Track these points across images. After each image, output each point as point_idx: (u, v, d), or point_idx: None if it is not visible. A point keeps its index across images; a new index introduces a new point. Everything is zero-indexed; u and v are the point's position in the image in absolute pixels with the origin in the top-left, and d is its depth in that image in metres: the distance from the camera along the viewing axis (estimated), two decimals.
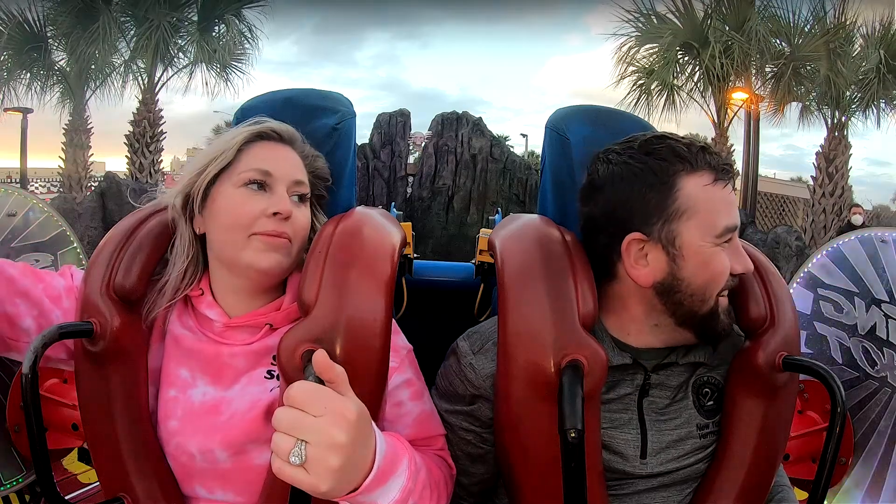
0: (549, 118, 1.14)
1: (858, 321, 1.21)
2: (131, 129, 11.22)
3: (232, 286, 0.92)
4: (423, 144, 10.61)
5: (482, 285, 1.48)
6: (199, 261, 0.94)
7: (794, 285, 1.27)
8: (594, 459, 0.84)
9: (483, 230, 1.47)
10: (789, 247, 7.00)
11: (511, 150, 10.98)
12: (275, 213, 0.87)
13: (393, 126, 10.76)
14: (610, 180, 0.88)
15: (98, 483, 0.91)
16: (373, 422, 0.68)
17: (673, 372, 0.93)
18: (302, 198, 0.93)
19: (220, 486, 0.87)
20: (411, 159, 10.47)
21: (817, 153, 10.47)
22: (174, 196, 0.93)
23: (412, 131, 10.85)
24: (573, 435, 0.71)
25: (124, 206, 7.44)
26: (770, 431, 0.90)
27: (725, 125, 11.18)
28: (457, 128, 10.75)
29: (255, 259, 0.87)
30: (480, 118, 11.03)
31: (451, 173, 10.23)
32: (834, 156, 10.22)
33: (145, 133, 11.15)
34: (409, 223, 1.35)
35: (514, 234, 0.98)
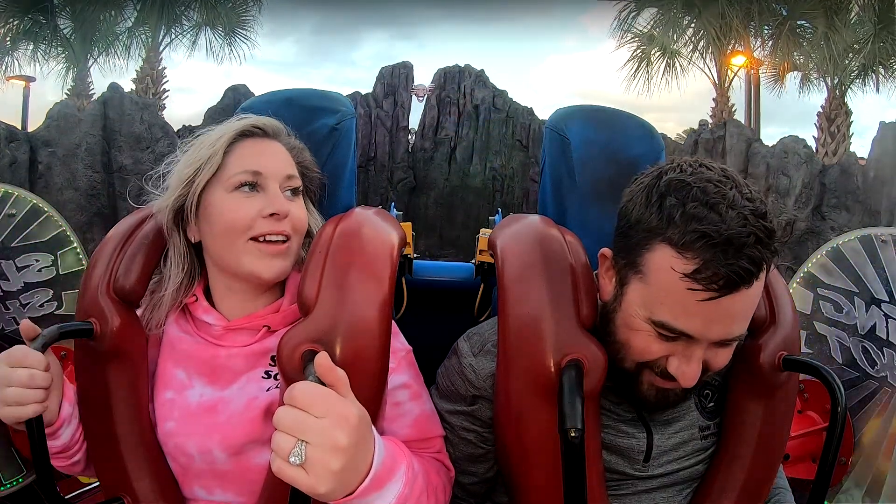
0: (549, 118, 1.14)
1: (858, 321, 1.21)
2: (134, 87, 11.03)
3: (231, 290, 0.92)
4: (425, 96, 10.50)
5: (482, 285, 1.48)
6: (194, 269, 0.94)
7: (794, 285, 1.27)
8: (594, 459, 0.84)
9: (483, 230, 1.47)
10: (798, 155, 6.79)
11: (513, 100, 10.68)
12: (272, 214, 0.86)
13: (396, 77, 10.68)
14: (629, 192, 0.82)
15: (98, 483, 0.91)
16: (373, 426, 0.68)
17: None
18: (295, 191, 0.92)
19: (220, 486, 0.87)
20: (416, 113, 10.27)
21: (818, 113, 10.38)
22: (165, 209, 0.91)
23: (415, 83, 10.77)
24: (573, 434, 0.71)
25: (125, 116, 7.28)
26: (770, 431, 0.90)
27: (726, 86, 11.19)
28: (459, 80, 10.67)
29: (257, 267, 0.87)
30: (483, 70, 10.86)
31: (453, 124, 10.15)
32: (835, 115, 10.14)
33: (147, 90, 11.00)
34: (409, 223, 1.35)
35: (514, 234, 0.98)
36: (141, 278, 0.90)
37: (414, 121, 10.59)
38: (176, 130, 8.36)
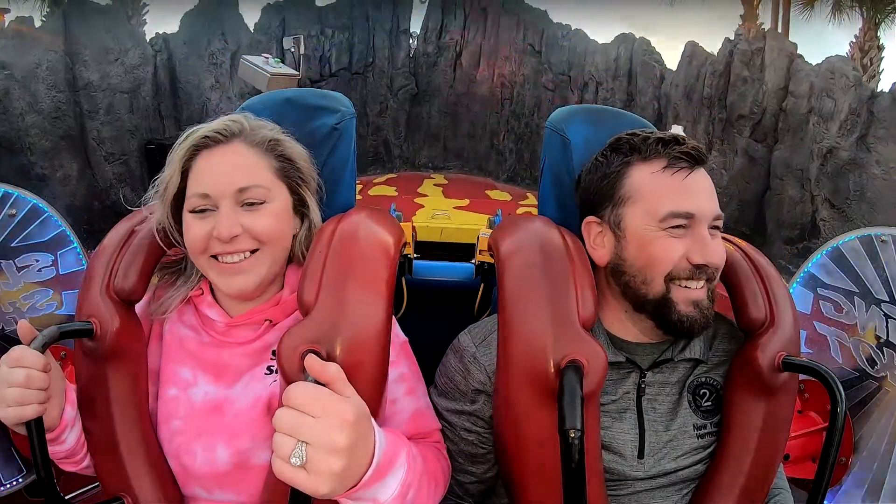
0: (549, 118, 1.14)
1: (858, 321, 1.21)
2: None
3: (224, 294, 0.93)
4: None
5: (482, 285, 1.48)
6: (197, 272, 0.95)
7: (794, 285, 1.27)
8: (594, 460, 0.84)
9: (483, 230, 1.47)
10: (846, 77, 5.71)
11: (525, 1, 9.55)
12: (218, 237, 0.85)
13: None
14: (584, 174, 0.99)
15: (98, 483, 0.91)
16: (372, 419, 0.68)
17: (670, 370, 0.94)
18: (256, 202, 0.88)
19: (219, 486, 0.87)
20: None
21: (851, 43, 10.01)
22: (155, 228, 0.93)
23: None
24: (573, 435, 0.71)
25: (89, 28, 6.33)
26: (770, 431, 0.90)
27: (756, 2, 10.93)
28: None
29: (222, 284, 0.88)
30: None
31: (459, 27, 9.03)
32: (869, 47, 9.85)
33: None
34: (409, 223, 1.35)
35: (514, 234, 0.98)
36: (141, 278, 0.90)
37: (416, 24, 9.34)
38: (149, 39, 7.28)
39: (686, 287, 0.87)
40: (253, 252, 0.88)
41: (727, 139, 4.24)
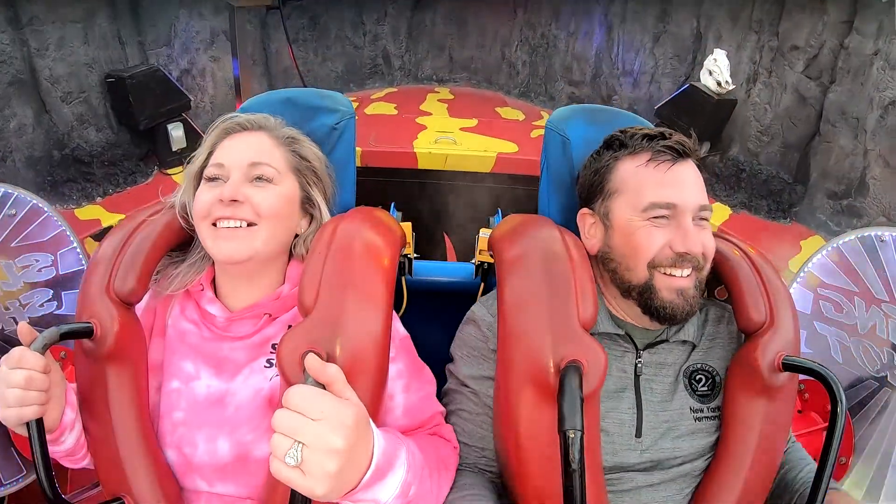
0: (549, 118, 1.14)
1: (858, 321, 1.21)
2: None
3: (228, 278, 0.95)
4: None
5: (482, 285, 1.48)
6: (206, 256, 0.97)
7: (795, 285, 1.26)
8: (594, 458, 0.84)
9: (483, 230, 1.47)
10: None
11: None
12: (222, 200, 0.89)
13: None
14: (580, 171, 1.04)
15: (98, 483, 0.91)
16: (371, 420, 0.69)
17: (665, 351, 0.96)
18: (264, 178, 0.93)
19: (220, 478, 0.88)
20: None
21: None
22: (175, 204, 0.98)
23: None
24: (573, 435, 0.71)
25: None
26: (770, 431, 0.90)
27: None
28: None
29: (214, 249, 0.90)
30: None
31: None
32: None
33: None
34: (409, 223, 1.35)
35: (513, 234, 0.99)
36: (141, 279, 0.91)
37: None
38: None
39: (670, 275, 0.90)
40: (250, 225, 0.90)
41: (775, 71, 3.61)
